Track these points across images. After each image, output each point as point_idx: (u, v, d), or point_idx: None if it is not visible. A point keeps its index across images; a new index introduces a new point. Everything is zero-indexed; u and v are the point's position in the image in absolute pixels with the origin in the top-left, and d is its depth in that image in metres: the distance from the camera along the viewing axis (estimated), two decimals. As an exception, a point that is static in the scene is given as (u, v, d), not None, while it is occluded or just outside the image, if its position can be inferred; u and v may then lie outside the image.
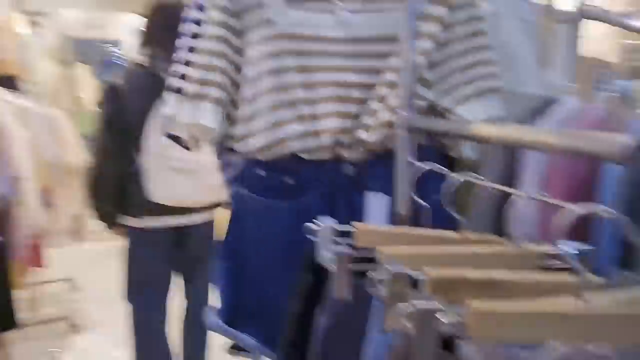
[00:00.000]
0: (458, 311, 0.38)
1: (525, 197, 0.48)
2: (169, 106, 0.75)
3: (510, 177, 0.73)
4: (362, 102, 0.72)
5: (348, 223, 0.60)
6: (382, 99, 0.70)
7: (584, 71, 0.78)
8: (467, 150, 0.79)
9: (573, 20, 0.85)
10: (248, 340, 0.80)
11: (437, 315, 0.37)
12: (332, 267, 0.56)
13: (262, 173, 0.77)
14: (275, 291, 0.78)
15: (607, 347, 0.39)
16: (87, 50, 4.07)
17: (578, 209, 0.39)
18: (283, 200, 0.77)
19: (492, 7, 0.82)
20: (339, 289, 0.54)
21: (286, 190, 0.77)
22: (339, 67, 0.71)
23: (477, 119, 0.68)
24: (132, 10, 3.40)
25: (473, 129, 0.60)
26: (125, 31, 4.08)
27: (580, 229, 0.60)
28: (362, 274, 0.56)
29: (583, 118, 0.75)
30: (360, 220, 0.73)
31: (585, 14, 0.83)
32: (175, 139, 0.84)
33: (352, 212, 0.76)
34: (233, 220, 0.82)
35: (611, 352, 0.39)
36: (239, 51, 0.74)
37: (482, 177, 0.55)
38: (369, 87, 0.72)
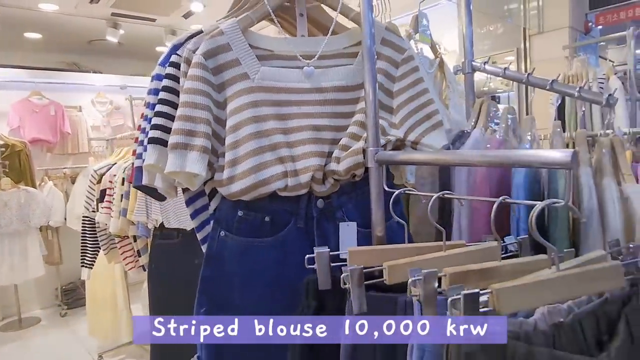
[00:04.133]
0: (485, 292, 0.49)
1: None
2: (149, 157, 0.75)
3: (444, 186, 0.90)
4: (334, 142, 0.82)
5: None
6: (352, 136, 0.81)
7: (481, 109, 1.01)
8: (409, 177, 0.95)
9: (464, 71, 1.10)
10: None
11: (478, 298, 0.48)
12: (346, 285, 0.63)
13: (241, 213, 0.81)
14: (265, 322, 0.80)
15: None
16: None
17: (540, 204, 0.55)
18: (263, 237, 0.81)
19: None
20: (358, 302, 0.62)
21: (264, 227, 0.82)
22: (312, 113, 0.81)
23: (440, 145, 0.83)
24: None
25: (432, 157, 0.75)
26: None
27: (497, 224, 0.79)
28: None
29: (488, 144, 0.98)
30: (333, 247, 0.81)
31: (474, 67, 1.08)
32: (149, 190, 0.82)
33: (326, 241, 0.84)
34: (208, 262, 0.82)
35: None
36: (218, 104, 0.79)
37: (452, 193, 0.69)
38: (340, 128, 0.83)
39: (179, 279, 1.75)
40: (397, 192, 0.74)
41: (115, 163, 2.41)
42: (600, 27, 2.79)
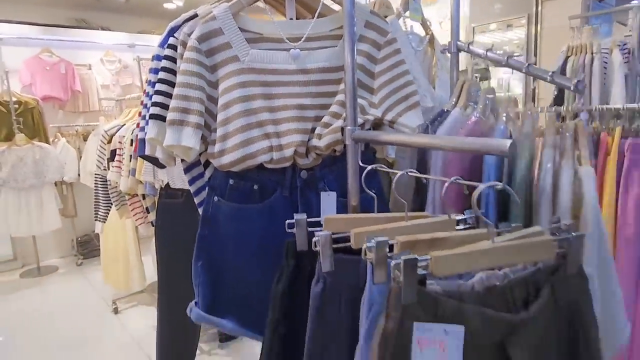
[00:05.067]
0: (425, 258, 0.59)
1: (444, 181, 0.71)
2: (150, 131, 0.84)
3: (423, 168, 0.98)
4: (317, 119, 0.90)
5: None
6: (333, 114, 0.89)
7: (462, 89, 1.06)
8: (390, 152, 1.03)
9: (450, 51, 1.15)
10: (227, 324, 0.93)
11: (416, 263, 0.57)
12: (317, 248, 0.73)
13: (232, 182, 0.90)
14: (251, 280, 0.92)
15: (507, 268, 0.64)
16: None
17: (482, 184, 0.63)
18: (251, 203, 0.91)
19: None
20: (325, 262, 0.72)
21: (253, 194, 0.92)
22: (296, 93, 0.88)
23: (415, 125, 0.91)
24: None
25: (403, 138, 0.82)
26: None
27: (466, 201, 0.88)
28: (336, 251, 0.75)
29: (465, 123, 1.04)
30: (315, 214, 0.91)
31: (459, 47, 1.13)
32: (152, 159, 0.92)
33: (309, 208, 0.94)
34: (204, 223, 0.93)
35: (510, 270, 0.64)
36: (211, 84, 0.86)
37: (414, 171, 0.78)
38: (323, 107, 0.90)
39: (183, 234, 1.87)
40: (368, 167, 0.82)
41: (124, 124, 2.50)
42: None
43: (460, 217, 0.80)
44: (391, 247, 0.64)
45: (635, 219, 1.71)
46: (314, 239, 0.72)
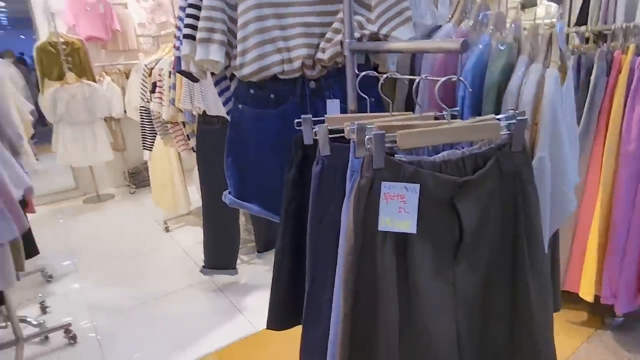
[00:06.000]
0: (393, 134, 0.77)
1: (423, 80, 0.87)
2: (184, 49, 1.04)
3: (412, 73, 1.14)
4: (322, 35, 1.06)
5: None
6: (335, 30, 1.04)
7: (458, 5, 1.17)
8: (390, 65, 1.18)
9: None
10: (254, 207, 1.17)
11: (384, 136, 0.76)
12: (317, 137, 0.93)
13: (252, 91, 1.10)
14: (271, 172, 1.14)
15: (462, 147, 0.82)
16: None
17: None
18: (269, 109, 1.11)
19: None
20: (323, 147, 0.92)
21: (270, 101, 1.11)
22: (304, 13, 1.04)
23: (406, 38, 1.04)
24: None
25: (392, 45, 0.98)
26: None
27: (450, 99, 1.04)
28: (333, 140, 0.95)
29: (452, 36, 1.17)
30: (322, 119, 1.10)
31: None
32: (187, 74, 1.12)
33: (317, 113, 1.12)
34: (232, 127, 1.15)
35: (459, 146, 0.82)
36: (232, 7, 1.03)
37: (396, 74, 0.94)
38: (327, 24, 1.06)
39: (220, 157, 2.14)
40: (362, 73, 0.99)
41: (162, 58, 2.72)
42: None
43: (438, 114, 0.97)
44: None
45: (637, 135, 1.79)
46: (313, 129, 0.91)
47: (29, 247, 2.05)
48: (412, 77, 1.03)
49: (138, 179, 4.51)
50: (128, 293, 2.49)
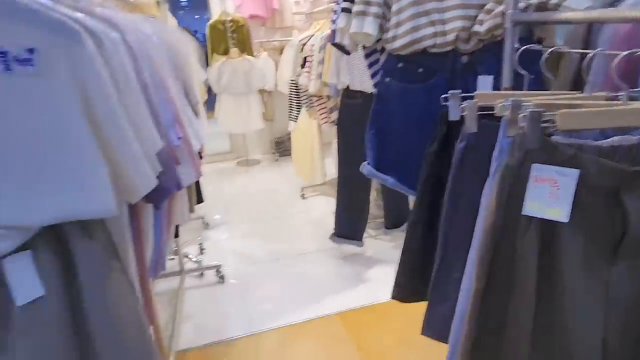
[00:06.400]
0: (552, 113, 0.71)
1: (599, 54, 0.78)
2: (340, 21, 1.10)
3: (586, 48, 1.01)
4: (481, 7, 1.01)
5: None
6: (498, 1, 0.98)
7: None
8: (557, 40, 1.07)
9: None
10: (389, 180, 1.20)
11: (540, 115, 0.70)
12: (464, 112, 0.90)
13: (401, 65, 1.11)
14: (411, 146, 1.15)
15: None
16: None
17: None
18: (416, 83, 1.11)
19: None
20: (470, 124, 0.89)
21: (418, 76, 1.11)
22: None
23: (582, 7, 0.94)
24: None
25: (565, 15, 0.88)
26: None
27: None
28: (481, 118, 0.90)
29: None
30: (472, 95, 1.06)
31: None
32: (340, 47, 1.19)
33: (466, 90, 1.08)
34: (378, 100, 1.18)
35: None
36: None
37: (565, 46, 0.85)
38: None
39: (359, 131, 2.21)
40: (522, 47, 0.92)
41: (314, 34, 2.87)
42: None
43: (611, 94, 0.85)
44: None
45: None
46: (461, 105, 0.89)
47: (198, 195, 2.43)
48: (584, 51, 0.91)
49: (282, 148, 4.89)
50: (266, 248, 2.77)
